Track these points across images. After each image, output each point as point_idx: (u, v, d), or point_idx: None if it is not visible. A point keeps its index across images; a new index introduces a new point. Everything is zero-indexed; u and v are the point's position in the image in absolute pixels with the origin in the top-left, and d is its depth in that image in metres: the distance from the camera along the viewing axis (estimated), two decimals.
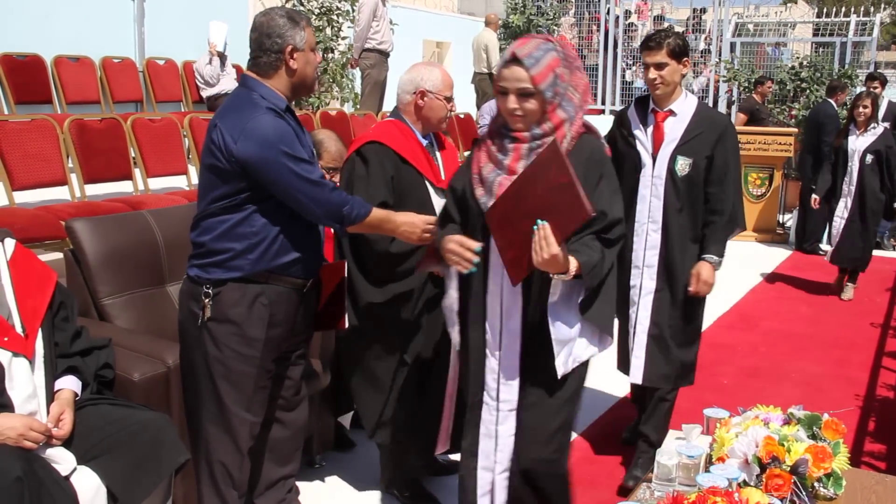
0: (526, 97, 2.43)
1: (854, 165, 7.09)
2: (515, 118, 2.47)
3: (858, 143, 7.08)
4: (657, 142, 3.57)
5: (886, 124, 8.78)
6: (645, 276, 3.61)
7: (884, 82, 9.36)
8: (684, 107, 3.56)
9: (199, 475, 2.91)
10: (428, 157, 3.32)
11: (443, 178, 3.32)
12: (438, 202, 3.25)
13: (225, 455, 2.85)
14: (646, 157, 3.58)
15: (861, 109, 7.05)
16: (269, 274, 2.74)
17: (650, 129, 3.59)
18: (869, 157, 7.01)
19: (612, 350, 5.30)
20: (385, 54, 9.27)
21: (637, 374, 3.64)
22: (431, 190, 3.28)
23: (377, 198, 3.10)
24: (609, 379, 4.57)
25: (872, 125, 7.08)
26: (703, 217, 3.56)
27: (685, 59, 3.54)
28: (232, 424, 2.81)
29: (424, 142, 3.33)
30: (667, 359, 3.62)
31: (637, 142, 3.61)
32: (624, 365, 3.76)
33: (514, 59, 2.43)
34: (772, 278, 7.94)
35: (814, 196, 7.26)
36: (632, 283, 3.64)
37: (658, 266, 3.60)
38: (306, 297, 2.90)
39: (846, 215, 7.13)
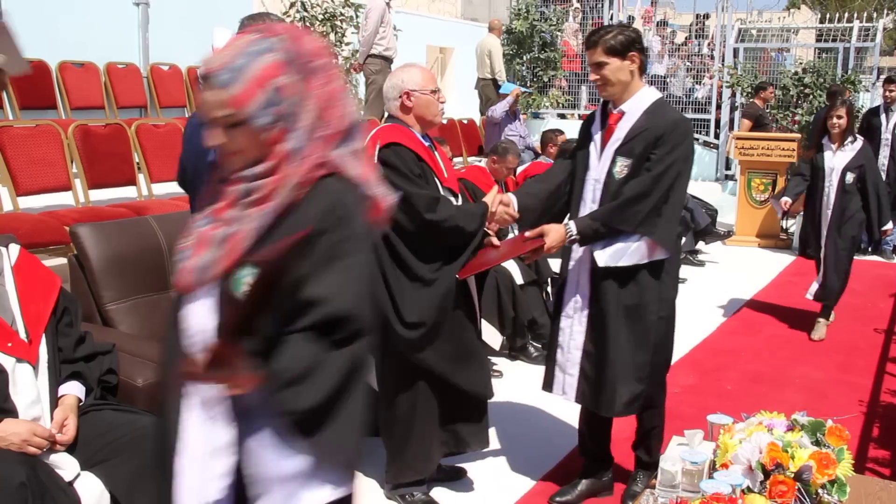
0: (232, 128, 1.64)
1: (831, 185, 6.03)
2: (227, 157, 1.70)
3: (836, 161, 5.98)
4: (604, 144, 3.32)
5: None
6: (580, 289, 3.37)
7: None
8: (636, 105, 3.26)
9: None
10: (431, 155, 3.37)
11: (445, 175, 3.38)
12: (449, 199, 3.35)
13: None
14: (594, 160, 3.34)
15: (835, 121, 5.95)
16: None
17: (604, 131, 3.35)
18: (850, 176, 5.93)
19: None
20: (390, 60, 9.31)
21: (571, 392, 3.43)
22: (441, 188, 3.35)
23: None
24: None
25: (849, 139, 5.98)
26: None
27: (631, 53, 3.19)
28: None
29: (426, 142, 3.36)
30: (601, 381, 3.33)
31: (591, 144, 3.38)
32: (548, 384, 3.54)
33: (205, 77, 1.64)
34: (775, 284, 7.93)
35: (784, 199, 6.44)
36: (565, 295, 3.42)
37: (589, 280, 3.33)
38: None
39: (827, 243, 6.10)
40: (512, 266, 5.34)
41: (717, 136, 12.79)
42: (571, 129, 9.10)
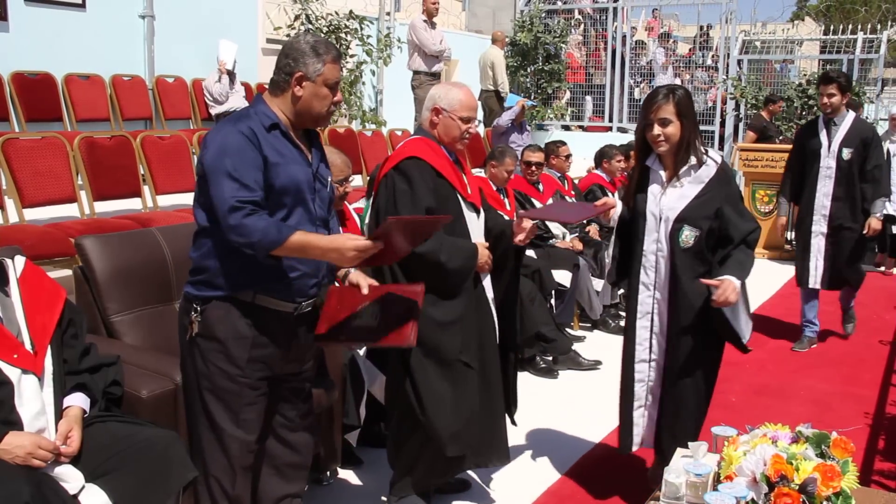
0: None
1: (660, 251, 3.37)
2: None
3: (665, 204, 3.34)
4: None
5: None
6: None
7: (843, 88, 5.76)
8: None
9: (198, 487, 2.89)
10: (456, 171, 3.40)
11: (468, 191, 3.39)
12: (469, 215, 3.37)
13: (217, 470, 2.84)
14: None
15: (656, 130, 3.26)
16: (254, 294, 2.71)
17: None
18: (687, 234, 3.29)
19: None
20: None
21: None
22: (462, 203, 3.36)
23: (423, 204, 3.19)
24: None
25: (690, 162, 3.32)
26: None
27: None
28: (223, 440, 2.81)
29: (452, 157, 3.38)
30: None
31: None
32: None
33: None
34: (780, 295, 7.92)
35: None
36: None
37: None
38: (300, 321, 2.82)
39: (654, 357, 3.48)
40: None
41: (721, 149, 12.80)
42: (575, 140, 9.12)
